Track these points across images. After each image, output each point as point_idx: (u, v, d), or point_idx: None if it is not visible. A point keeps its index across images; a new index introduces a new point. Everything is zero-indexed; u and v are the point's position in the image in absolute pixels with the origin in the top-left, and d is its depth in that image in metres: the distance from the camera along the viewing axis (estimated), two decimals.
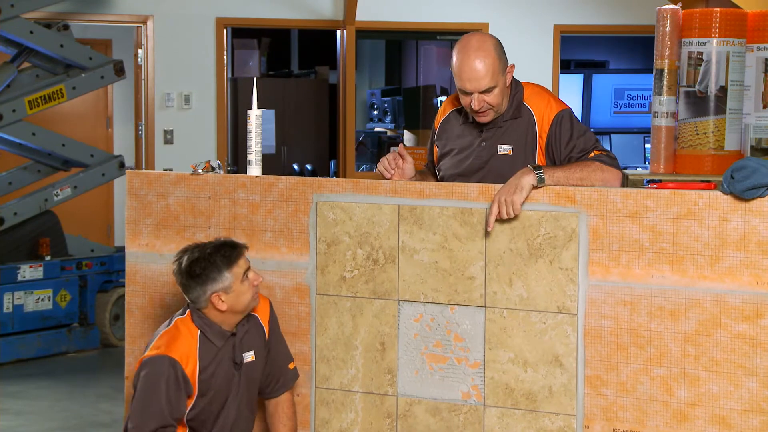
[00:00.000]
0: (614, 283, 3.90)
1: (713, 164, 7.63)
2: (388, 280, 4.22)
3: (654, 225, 3.84)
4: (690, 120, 7.65)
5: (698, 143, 7.67)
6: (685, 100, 7.69)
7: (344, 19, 10.66)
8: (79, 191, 8.79)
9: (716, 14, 7.57)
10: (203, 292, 4.04)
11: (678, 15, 7.68)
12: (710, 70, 7.58)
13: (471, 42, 4.24)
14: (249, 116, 4.46)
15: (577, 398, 3.97)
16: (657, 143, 7.84)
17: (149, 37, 10.46)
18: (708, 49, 7.53)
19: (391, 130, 13.05)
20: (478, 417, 4.12)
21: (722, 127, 7.61)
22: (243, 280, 4.06)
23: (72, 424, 6.80)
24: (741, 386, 3.75)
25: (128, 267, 4.63)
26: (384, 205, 4.22)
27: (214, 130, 10.67)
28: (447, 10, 10.92)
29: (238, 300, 4.07)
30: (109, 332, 8.92)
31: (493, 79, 4.20)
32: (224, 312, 4.07)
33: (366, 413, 4.29)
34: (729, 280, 3.75)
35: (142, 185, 4.61)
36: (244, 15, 10.66)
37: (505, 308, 4.06)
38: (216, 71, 10.62)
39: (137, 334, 4.63)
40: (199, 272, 4.02)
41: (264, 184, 4.41)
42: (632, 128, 13.90)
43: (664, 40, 7.67)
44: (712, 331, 3.78)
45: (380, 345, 4.25)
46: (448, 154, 4.46)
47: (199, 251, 4.07)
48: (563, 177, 4.02)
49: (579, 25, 11.13)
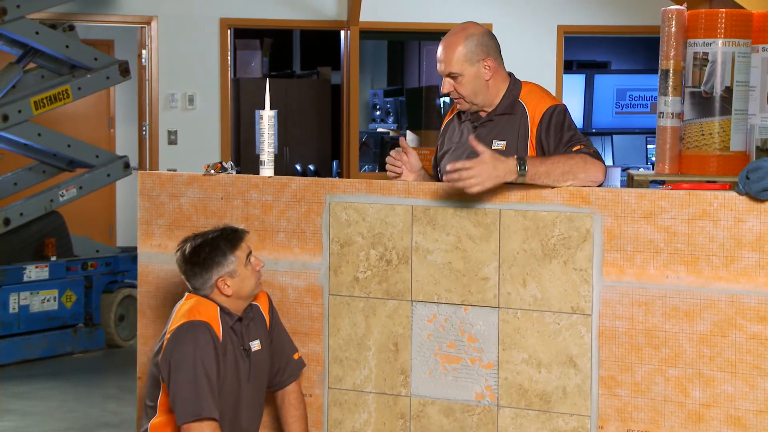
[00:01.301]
0: (629, 283, 3.90)
1: (719, 165, 7.63)
2: (402, 281, 4.22)
3: (669, 226, 3.84)
4: (695, 120, 7.66)
5: (704, 144, 7.68)
6: (690, 101, 7.70)
7: (348, 20, 10.66)
8: (85, 192, 8.79)
9: (722, 15, 7.58)
10: (209, 277, 4.06)
11: (683, 15, 7.69)
12: (716, 71, 7.58)
13: (454, 28, 4.37)
14: (261, 117, 4.47)
15: (591, 399, 3.97)
16: (662, 144, 7.85)
17: (153, 37, 10.46)
18: (713, 50, 7.53)
19: (393, 130, 13.05)
20: (492, 417, 4.12)
21: (728, 127, 7.61)
22: (246, 264, 4.09)
23: (80, 425, 6.80)
24: (756, 387, 3.75)
25: (140, 267, 4.63)
26: (397, 206, 4.22)
27: (218, 131, 10.67)
28: (451, 11, 10.91)
29: (243, 284, 4.09)
30: (114, 333, 8.92)
31: (458, 66, 4.26)
32: (230, 297, 4.08)
33: (379, 414, 4.29)
34: (744, 281, 3.75)
35: (154, 186, 4.60)
36: (248, 16, 10.66)
37: (519, 309, 4.06)
38: (220, 72, 10.62)
39: (150, 334, 4.63)
40: (204, 257, 4.05)
41: (277, 185, 4.41)
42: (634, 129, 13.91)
43: (670, 40, 7.67)
44: (728, 332, 3.78)
45: (393, 345, 4.25)
46: (446, 153, 4.51)
47: (201, 237, 4.10)
48: (545, 172, 3.96)
49: (583, 26, 11.13)
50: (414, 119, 12.96)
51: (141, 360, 4.67)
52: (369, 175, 11.61)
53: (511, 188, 4.04)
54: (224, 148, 10.66)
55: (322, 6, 10.73)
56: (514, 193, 4.04)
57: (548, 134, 4.19)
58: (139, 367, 4.68)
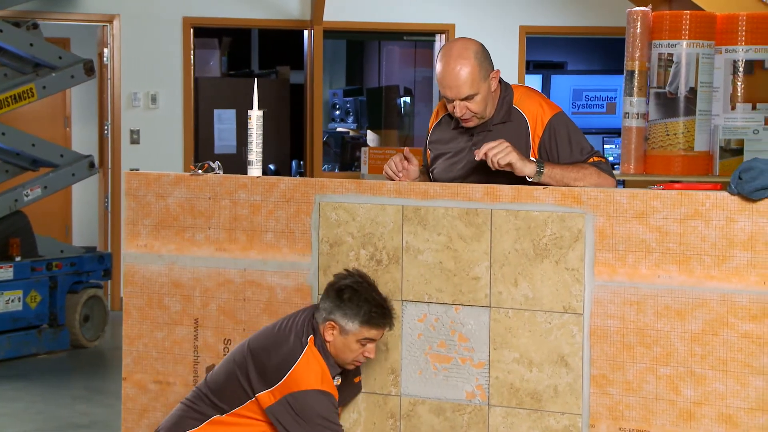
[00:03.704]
0: (620, 283, 3.94)
1: (683, 165, 7.72)
2: (392, 281, 4.23)
3: (661, 225, 3.88)
4: (660, 121, 7.73)
5: (668, 144, 7.76)
6: (655, 101, 7.77)
7: (312, 19, 10.65)
8: (50, 191, 8.73)
9: (686, 16, 7.66)
10: (329, 312, 4.04)
11: (648, 17, 7.76)
12: (680, 72, 7.66)
13: (453, 49, 4.26)
14: (250, 117, 4.47)
15: (582, 397, 4.00)
16: (627, 144, 7.92)
17: (115, 36, 10.38)
18: (678, 51, 7.61)
19: (353, 130, 13.05)
20: (483, 417, 4.14)
21: (692, 128, 7.69)
22: (359, 343, 4.05)
23: (50, 426, 6.74)
24: (748, 385, 3.79)
25: (126, 268, 4.60)
26: (388, 206, 4.23)
27: (181, 130, 10.61)
28: (414, 11, 10.93)
29: (342, 349, 4.06)
30: (78, 333, 8.84)
31: (474, 87, 4.21)
32: (328, 343, 4.06)
33: (369, 413, 4.30)
34: (736, 280, 3.79)
35: (140, 186, 4.58)
36: (212, 15, 10.62)
37: (510, 308, 4.08)
38: (183, 71, 10.57)
39: (135, 335, 4.61)
40: (341, 299, 4.03)
41: (265, 185, 4.41)
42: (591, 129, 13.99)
43: (635, 41, 7.75)
44: (719, 331, 3.82)
45: (383, 345, 4.26)
46: (440, 157, 4.47)
47: (364, 288, 4.05)
48: (559, 174, 4.10)
49: (545, 26, 11.19)
50: (374, 119, 12.97)
51: (126, 360, 4.64)
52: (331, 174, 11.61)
53: (503, 188, 4.07)
54: (187, 147, 10.61)
55: (285, 5, 10.71)
56: (505, 194, 4.07)
57: (556, 145, 4.23)
58: (124, 368, 4.65)
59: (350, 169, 12.20)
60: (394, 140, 12.63)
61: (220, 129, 12.13)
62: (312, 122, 10.90)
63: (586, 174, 4.12)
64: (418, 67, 12.81)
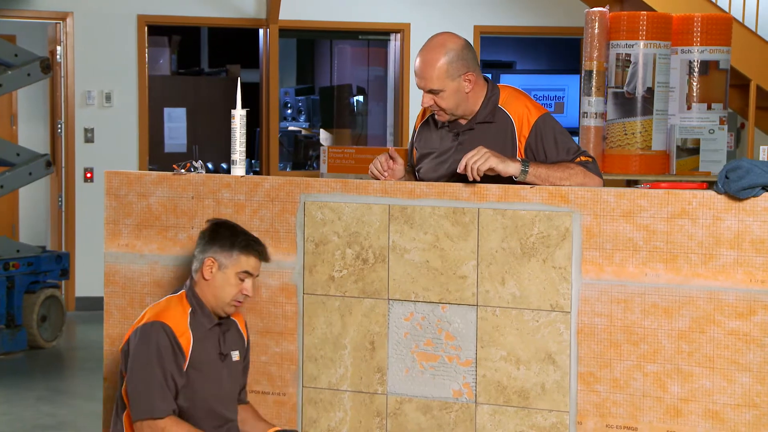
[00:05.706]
0: (608, 281, 3.98)
1: (641, 164, 7.81)
2: (378, 280, 4.25)
3: (648, 224, 3.92)
4: (618, 120, 7.81)
5: (626, 143, 7.84)
6: (613, 101, 7.86)
7: (267, 18, 10.62)
8: (6, 190, 8.65)
9: (643, 17, 7.74)
10: (205, 250, 4.06)
11: (606, 17, 7.84)
12: (638, 72, 7.75)
13: (432, 41, 4.32)
14: (233, 116, 4.45)
15: (570, 395, 4.04)
16: (586, 143, 8.00)
17: (69, 33, 10.29)
18: (635, 51, 7.69)
19: (305, 129, 13.04)
20: (470, 414, 4.16)
21: (649, 127, 7.79)
22: (239, 277, 4.05)
23: (16, 427, 6.68)
24: (734, 381, 3.85)
25: (107, 268, 4.57)
26: (374, 205, 4.23)
27: (135, 129, 10.55)
28: (369, 10, 10.95)
29: (220, 286, 4.06)
30: (36, 334, 8.77)
31: (439, 83, 4.24)
32: (207, 281, 4.05)
33: (355, 412, 4.31)
34: (723, 278, 3.85)
35: (121, 185, 4.55)
36: (166, 13, 10.56)
37: (497, 307, 4.11)
38: (138, 69, 10.51)
39: (116, 335, 4.58)
40: (218, 234, 4.06)
41: (249, 184, 4.40)
42: None
43: (593, 42, 7.82)
44: (706, 328, 3.87)
45: (370, 344, 4.27)
46: (426, 157, 4.49)
47: (235, 225, 4.12)
48: (545, 173, 4.12)
49: (499, 26, 11.25)
50: (327, 118, 12.97)
51: (107, 361, 4.61)
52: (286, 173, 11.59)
53: (490, 187, 4.09)
54: (142, 146, 10.55)
55: (241, 4, 10.68)
56: (492, 193, 4.09)
57: (543, 146, 4.25)
58: (104, 368, 4.62)
59: (304, 168, 12.20)
60: (347, 139, 12.63)
61: (170, 127, 12.07)
62: (268, 121, 10.87)
63: (572, 173, 4.15)
64: (371, 66, 12.82)
